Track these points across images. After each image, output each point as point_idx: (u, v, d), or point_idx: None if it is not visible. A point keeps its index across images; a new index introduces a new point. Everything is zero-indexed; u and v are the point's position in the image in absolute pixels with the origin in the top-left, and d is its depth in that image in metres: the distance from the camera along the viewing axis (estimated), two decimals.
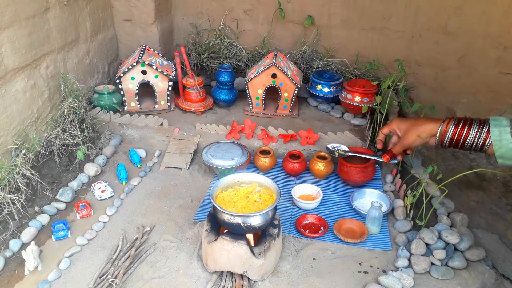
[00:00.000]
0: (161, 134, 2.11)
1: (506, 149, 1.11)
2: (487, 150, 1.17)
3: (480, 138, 1.16)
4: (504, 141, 1.11)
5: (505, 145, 1.11)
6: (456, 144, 1.21)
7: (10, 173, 1.56)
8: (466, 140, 1.19)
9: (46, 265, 1.42)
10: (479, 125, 1.17)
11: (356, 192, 1.77)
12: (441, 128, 1.23)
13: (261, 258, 1.31)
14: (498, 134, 1.12)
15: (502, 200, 1.82)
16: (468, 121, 1.20)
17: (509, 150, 1.11)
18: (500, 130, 1.12)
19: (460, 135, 1.19)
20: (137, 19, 2.50)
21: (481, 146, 1.17)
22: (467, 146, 1.20)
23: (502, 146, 1.12)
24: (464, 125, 1.19)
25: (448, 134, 1.21)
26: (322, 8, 2.51)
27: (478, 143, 1.17)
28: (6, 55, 1.57)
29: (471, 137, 1.17)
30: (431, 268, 1.41)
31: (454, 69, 2.41)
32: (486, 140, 1.15)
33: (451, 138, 1.21)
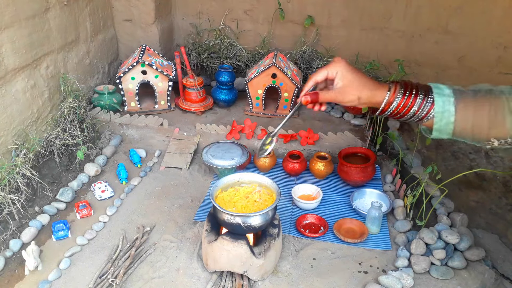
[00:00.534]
0: (161, 134, 2.11)
1: (446, 121, 0.99)
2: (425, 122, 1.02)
3: (423, 109, 1.00)
4: (446, 113, 0.98)
5: (446, 117, 0.98)
6: (396, 115, 1.04)
7: (10, 173, 1.56)
8: (409, 111, 1.02)
9: (46, 265, 1.42)
10: (424, 94, 1.00)
11: (356, 192, 1.77)
12: (387, 98, 1.02)
13: (261, 258, 1.31)
14: (442, 105, 0.99)
15: (502, 200, 1.82)
16: (414, 89, 1.02)
17: (448, 124, 0.99)
18: (443, 100, 0.99)
19: (405, 106, 1.01)
20: (137, 19, 2.50)
21: (421, 118, 1.02)
22: (407, 117, 1.04)
23: (443, 118, 0.99)
24: (410, 95, 1.01)
25: (394, 104, 1.02)
26: (322, 8, 2.51)
27: (419, 115, 1.01)
28: (6, 55, 1.57)
29: (415, 108, 1.01)
30: (431, 268, 1.41)
31: (454, 69, 2.41)
32: (429, 112, 1.00)
33: (394, 110, 1.03)
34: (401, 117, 1.04)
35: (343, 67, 1.04)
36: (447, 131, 1.00)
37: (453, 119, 0.98)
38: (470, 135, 1.00)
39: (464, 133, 1.01)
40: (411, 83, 1.04)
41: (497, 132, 0.98)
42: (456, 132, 1.00)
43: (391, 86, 1.03)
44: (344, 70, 1.04)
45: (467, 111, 0.98)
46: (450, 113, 0.98)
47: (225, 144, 1.94)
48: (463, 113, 0.98)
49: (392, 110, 1.03)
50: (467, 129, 0.99)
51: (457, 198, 1.76)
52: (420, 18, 2.35)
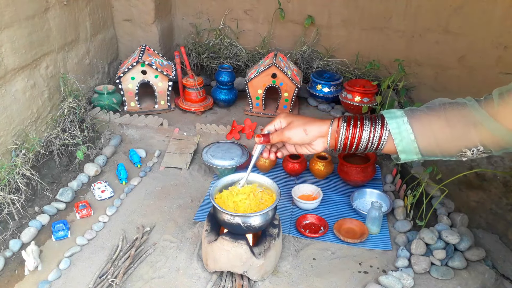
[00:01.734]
0: (161, 134, 2.11)
1: (407, 141, 0.99)
2: (384, 148, 1.03)
3: (375, 135, 1.01)
4: (404, 132, 0.98)
5: (406, 137, 0.98)
6: (350, 146, 1.05)
7: (10, 173, 1.56)
8: (361, 140, 1.03)
9: (46, 265, 1.42)
10: (371, 121, 1.02)
11: (356, 192, 1.77)
12: (332, 128, 1.05)
13: (261, 258, 1.31)
14: (397, 126, 0.99)
15: (502, 200, 1.82)
16: (359, 118, 1.04)
17: (410, 142, 0.98)
18: (397, 121, 0.99)
19: (353, 135, 1.03)
20: (137, 19, 2.50)
21: (377, 144, 1.02)
22: (361, 146, 1.04)
23: (402, 138, 0.99)
24: (355, 123, 1.03)
25: (342, 134, 1.04)
26: (322, 8, 2.50)
27: (373, 142, 1.02)
28: (6, 55, 1.57)
29: (365, 136, 1.02)
30: (431, 268, 1.41)
31: (455, 69, 2.41)
32: (382, 137, 1.00)
33: (345, 140, 1.04)
34: (356, 148, 1.05)
35: (284, 116, 1.12)
36: (413, 151, 1.00)
37: (413, 137, 0.98)
38: (439, 150, 1.00)
39: (432, 149, 1.00)
40: (354, 116, 1.07)
41: (465, 142, 0.97)
42: (422, 150, 1.00)
43: (333, 120, 1.06)
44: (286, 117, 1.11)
45: (424, 126, 0.99)
46: (407, 131, 0.99)
47: (225, 144, 1.94)
48: (421, 129, 0.99)
49: (343, 142, 1.05)
50: (432, 144, 0.99)
51: (457, 198, 1.76)
52: (420, 18, 2.35)
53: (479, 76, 2.35)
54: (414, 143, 0.99)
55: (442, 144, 0.99)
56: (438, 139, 0.99)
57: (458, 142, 0.97)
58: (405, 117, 0.99)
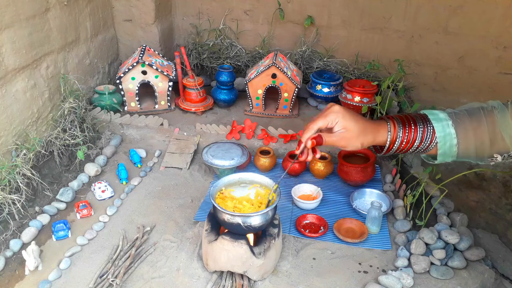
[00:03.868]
0: (161, 134, 2.11)
1: (449, 144, 0.99)
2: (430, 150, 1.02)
3: (426, 140, 1.00)
4: (448, 136, 0.99)
5: (449, 141, 0.99)
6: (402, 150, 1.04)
7: (11, 173, 1.56)
8: (413, 144, 1.02)
9: (47, 265, 1.42)
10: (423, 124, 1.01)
11: (356, 192, 1.77)
12: (390, 138, 1.02)
13: (261, 258, 1.31)
14: (442, 130, 0.99)
15: (502, 200, 1.82)
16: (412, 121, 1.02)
17: (452, 146, 0.99)
18: (442, 125, 0.99)
19: (408, 141, 1.01)
20: (137, 19, 2.50)
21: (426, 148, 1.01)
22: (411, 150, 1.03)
23: (446, 142, 0.99)
24: (410, 128, 1.01)
25: (398, 141, 1.02)
26: (322, 8, 2.51)
27: (423, 146, 1.01)
28: (6, 55, 1.57)
29: (418, 141, 1.01)
30: (430, 268, 1.41)
31: (454, 69, 2.42)
32: (432, 141, 1.00)
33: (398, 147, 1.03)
34: (406, 151, 1.04)
35: (342, 115, 1.02)
36: (451, 154, 1.01)
37: (456, 142, 0.99)
38: (474, 154, 1.01)
39: (468, 153, 1.01)
40: (406, 116, 1.04)
41: (498, 147, 0.99)
42: (460, 153, 1.00)
43: (389, 124, 1.03)
44: (343, 119, 1.02)
45: (466, 131, 0.99)
46: (451, 136, 0.99)
47: (225, 144, 1.94)
48: (463, 133, 0.99)
49: (398, 146, 1.03)
50: (470, 149, 1.00)
51: (457, 198, 1.76)
52: (420, 18, 2.35)
53: (479, 76, 2.35)
54: (455, 147, 1.00)
55: (479, 149, 1.00)
56: (477, 144, 0.99)
57: (493, 148, 0.99)
58: (450, 121, 1.00)
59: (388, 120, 1.04)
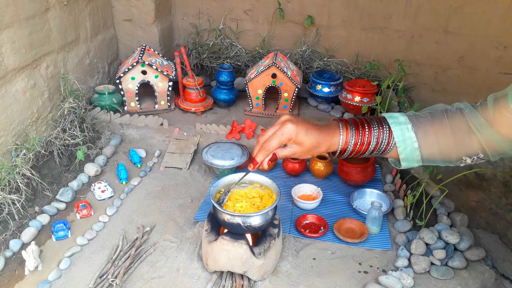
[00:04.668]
0: (161, 134, 2.11)
1: (410, 149, 0.96)
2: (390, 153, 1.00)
3: (383, 141, 0.98)
4: (408, 140, 0.96)
5: (409, 145, 0.96)
6: (356, 154, 1.01)
7: (10, 173, 1.56)
8: (369, 147, 0.99)
9: (46, 265, 1.42)
10: (379, 126, 0.98)
11: (356, 192, 1.77)
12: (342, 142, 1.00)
13: (261, 258, 1.31)
14: (401, 134, 0.96)
15: (502, 200, 1.82)
16: (366, 123, 0.99)
17: (413, 150, 0.96)
18: (401, 128, 0.96)
19: (362, 142, 0.98)
20: (137, 19, 2.50)
21: (383, 150, 0.99)
22: (367, 153, 1.01)
23: (406, 146, 0.96)
24: (364, 130, 0.98)
25: (350, 145, 1.00)
26: (322, 8, 2.51)
27: (381, 148, 0.99)
28: (6, 55, 1.57)
29: (373, 142, 0.98)
30: (431, 268, 1.41)
31: (455, 69, 2.41)
32: (389, 143, 0.97)
33: (352, 149, 1.00)
34: (361, 154, 1.02)
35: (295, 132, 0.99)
36: (415, 159, 0.99)
37: (417, 145, 0.97)
38: (440, 158, 0.99)
39: (433, 157, 0.99)
40: (360, 119, 1.02)
41: (466, 149, 0.96)
42: (424, 158, 0.98)
43: (342, 130, 1.00)
44: (296, 136, 0.99)
45: (428, 134, 0.97)
46: (411, 139, 0.97)
47: (225, 144, 1.94)
48: (425, 137, 0.97)
49: (351, 150, 1.01)
50: (435, 153, 0.98)
51: (457, 198, 1.76)
52: (420, 18, 2.35)
53: (479, 76, 2.35)
54: (417, 151, 0.97)
55: (444, 152, 0.98)
56: (441, 147, 0.97)
57: (460, 150, 0.97)
58: (410, 124, 0.97)
59: (342, 126, 1.01)
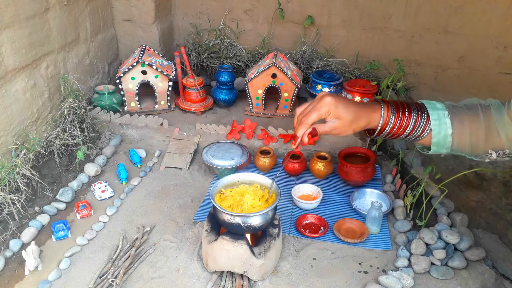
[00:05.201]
0: (161, 134, 2.11)
1: (443, 134, 1.00)
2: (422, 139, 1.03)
3: (419, 127, 1.02)
4: (443, 125, 1.00)
5: (444, 130, 1.00)
6: (392, 135, 1.06)
7: (10, 173, 1.56)
8: (405, 130, 1.03)
9: (46, 265, 1.42)
10: (418, 111, 1.03)
11: (356, 192, 1.77)
12: (382, 121, 1.04)
13: (261, 258, 1.31)
14: (437, 118, 1.00)
15: (502, 200, 1.82)
16: (406, 107, 1.04)
17: (446, 136, 1.00)
18: (438, 113, 1.01)
19: (400, 125, 1.03)
20: (137, 19, 2.50)
21: (418, 135, 1.03)
22: (402, 136, 1.05)
23: (440, 131, 1.00)
24: (404, 113, 1.03)
25: (389, 126, 1.04)
26: (322, 8, 2.51)
27: (416, 133, 1.03)
28: (6, 55, 1.57)
29: (410, 126, 1.03)
30: (431, 268, 1.41)
31: (455, 69, 2.41)
32: (425, 129, 1.02)
33: (390, 130, 1.05)
34: (397, 136, 1.06)
35: (334, 106, 1.03)
36: (446, 145, 1.02)
37: (451, 132, 1.00)
38: (469, 148, 1.01)
39: (462, 147, 1.02)
40: (401, 102, 1.06)
41: (493, 144, 0.99)
42: (454, 145, 1.01)
43: (383, 107, 1.04)
44: (335, 109, 1.03)
45: (462, 123, 1.00)
46: (447, 125, 1.00)
47: (225, 144, 1.94)
48: (459, 126, 1.00)
49: (389, 131, 1.05)
50: (465, 142, 1.01)
51: (457, 198, 1.76)
52: (420, 18, 2.35)
53: (479, 76, 2.35)
54: (449, 137, 1.00)
55: (474, 143, 1.00)
56: (472, 138, 1.00)
57: (488, 143, 0.99)
58: (446, 111, 1.01)
59: (383, 104, 1.05)
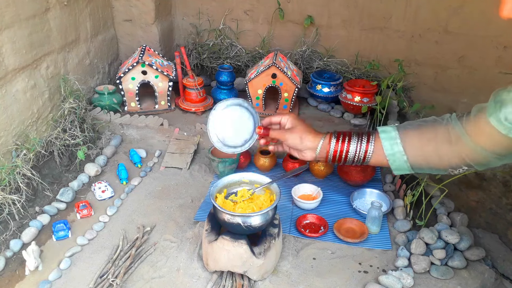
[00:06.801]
0: (161, 134, 2.11)
1: (400, 162, 1.10)
2: (370, 161, 1.15)
3: (360, 151, 1.15)
4: (397, 154, 1.09)
5: (399, 158, 1.09)
6: (339, 159, 1.19)
7: (11, 173, 1.56)
8: (348, 155, 1.17)
9: (47, 265, 1.42)
10: (358, 138, 1.16)
11: (356, 192, 1.77)
12: (323, 143, 1.20)
13: (261, 258, 1.31)
14: (390, 148, 1.10)
15: (502, 200, 1.82)
16: (347, 136, 1.18)
17: (403, 163, 1.09)
18: (391, 143, 1.10)
19: (341, 150, 1.17)
20: (137, 19, 2.50)
21: (363, 159, 1.16)
22: (349, 160, 1.18)
23: (395, 159, 1.10)
24: (344, 139, 1.17)
25: (331, 149, 1.18)
26: (322, 8, 2.51)
27: (359, 157, 1.16)
28: (6, 55, 1.57)
29: (352, 151, 1.16)
30: (431, 267, 1.41)
31: (454, 69, 2.41)
32: (367, 153, 1.14)
33: (333, 154, 1.19)
34: (344, 161, 1.19)
35: (293, 117, 1.25)
36: (406, 168, 1.11)
37: (406, 158, 1.09)
38: (428, 168, 1.10)
39: (420, 166, 1.10)
40: (343, 132, 1.20)
41: (450, 162, 1.05)
42: (414, 168, 1.10)
43: (326, 134, 1.21)
44: (292, 119, 1.25)
45: (415, 149, 1.08)
46: (400, 153, 1.09)
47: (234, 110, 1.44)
48: (412, 149, 1.08)
49: (332, 154, 1.19)
50: (423, 164, 1.10)
51: (457, 198, 1.76)
52: (420, 18, 2.35)
53: (479, 76, 2.35)
54: (406, 163, 1.10)
55: (432, 164, 1.08)
56: (428, 159, 1.08)
57: (444, 163, 1.06)
58: (399, 139, 1.09)
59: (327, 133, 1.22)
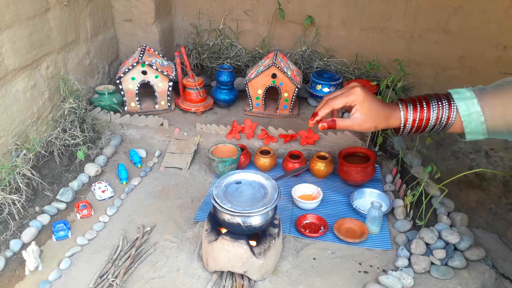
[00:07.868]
0: (161, 134, 2.11)
1: (476, 123, 0.99)
2: (450, 128, 1.03)
3: (443, 117, 1.01)
4: (474, 114, 0.98)
5: (475, 119, 0.98)
6: (417, 130, 1.06)
7: (11, 173, 1.56)
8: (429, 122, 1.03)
9: (47, 265, 1.42)
10: (437, 102, 1.02)
11: (356, 192, 1.77)
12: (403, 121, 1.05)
13: (261, 258, 1.31)
14: (466, 109, 0.99)
15: (502, 200, 1.82)
16: (424, 100, 1.04)
17: (479, 124, 0.98)
18: (467, 103, 0.99)
19: (421, 119, 1.03)
20: (137, 19, 2.50)
21: (445, 124, 1.02)
22: (428, 129, 1.05)
23: (471, 120, 0.99)
24: (422, 107, 1.03)
25: (409, 123, 1.04)
26: (322, 8, 2.51)
27: (441, 123, 1.02)
28: (6, 55, 1.57)
29: (433, 118, 1.02)
30: (431, 267, 1.41)
31: (454, 69, 2.41)
32: (450, 118, 1.01)
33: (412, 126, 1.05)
34: (423, 130, 1.05)
35: (361, 100, 1.06)
36: (481, 131, 1.00)
37: (483, 119, 0.98)
38: (506, 128, 0.99)
39: (499, 129, 1.00)
40: (419, 97, 1.05)
41: None
42: (490, 130, 0.99)
43: (401, 106, 1.05)
44: (361, 104, 1.06)
45: (495, 107, 0.98)
46: (477, 113, 0.98)
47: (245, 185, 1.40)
48: (491, 110, 0.98)
49: (410, 127, 1.05)
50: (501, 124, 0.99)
51: (457, 198, 1.76)
52: (420, 18, 2.35)
53: (479, 76, 2.34)
54: (483, 124, 0.99)
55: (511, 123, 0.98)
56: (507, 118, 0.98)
57: None
58: (476, 99, 0.99)
59: (401, 103, 1.05)
